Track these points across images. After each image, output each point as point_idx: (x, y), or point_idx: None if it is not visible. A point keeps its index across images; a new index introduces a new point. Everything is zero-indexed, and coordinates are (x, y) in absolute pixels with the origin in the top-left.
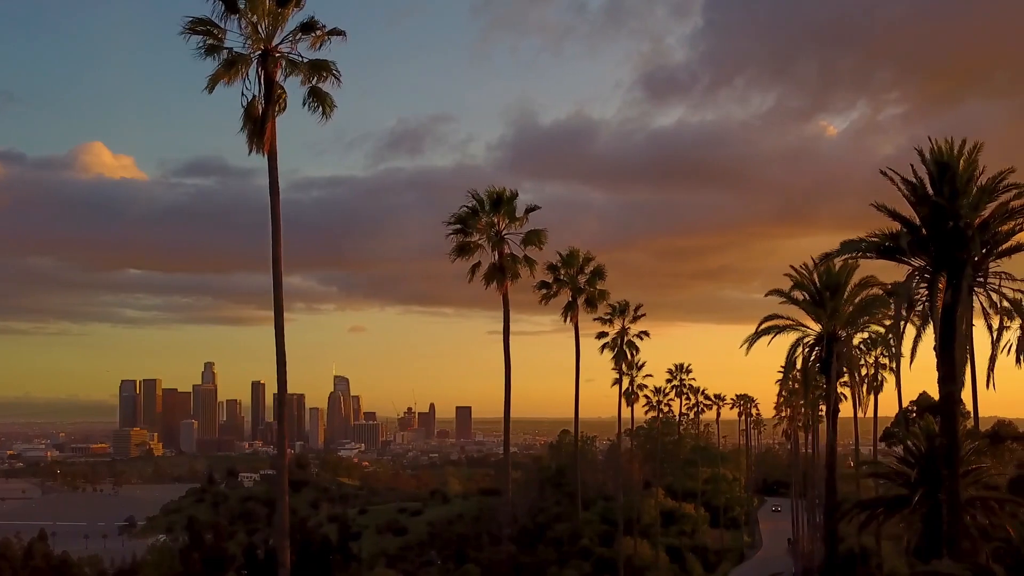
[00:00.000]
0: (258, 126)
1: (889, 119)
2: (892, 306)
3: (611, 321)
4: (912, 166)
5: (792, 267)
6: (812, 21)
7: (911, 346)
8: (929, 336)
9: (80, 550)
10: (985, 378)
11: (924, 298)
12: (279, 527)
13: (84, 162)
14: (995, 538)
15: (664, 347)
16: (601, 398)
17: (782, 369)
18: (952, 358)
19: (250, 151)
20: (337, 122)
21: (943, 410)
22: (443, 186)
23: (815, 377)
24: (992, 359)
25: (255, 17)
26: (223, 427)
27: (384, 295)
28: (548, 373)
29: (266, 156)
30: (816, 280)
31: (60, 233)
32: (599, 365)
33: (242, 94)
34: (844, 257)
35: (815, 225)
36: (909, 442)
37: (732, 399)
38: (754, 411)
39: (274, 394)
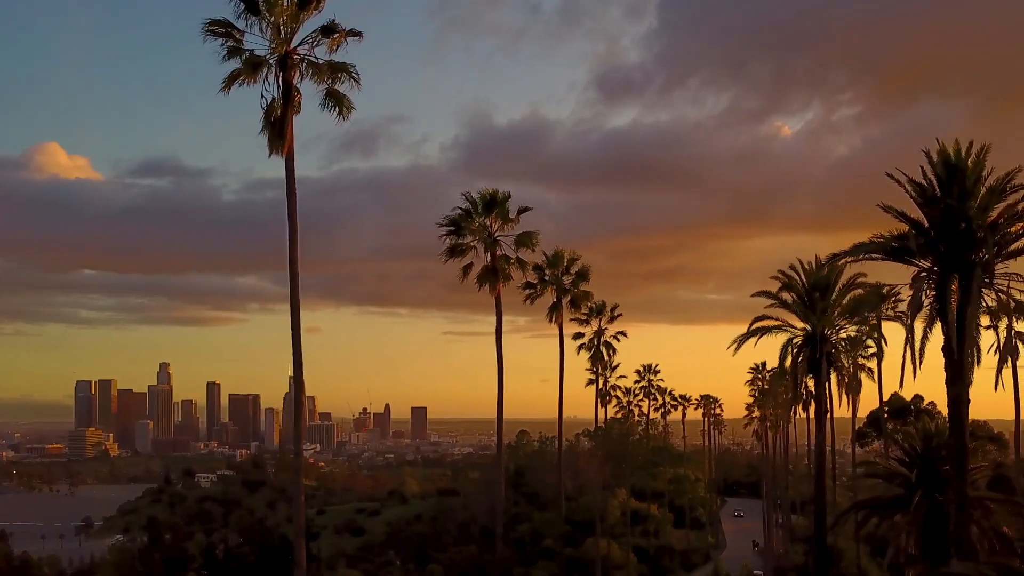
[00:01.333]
0: (277, 129)
1: (843, 120)
2: (881, 307)
3: (588, 322)
4: (922, 168)
5: (780, 270)
6: (766, 22)
7: (919, 346)
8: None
9: (37, 550)
10: (994, 379)
11: (933, 299)
12: (295, 527)
13: (39, 162)
14: (993, 536)
15: (619, 347)
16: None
17: (752, 369)
18: (961, 359)
19: (270, 154)
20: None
21: (952, 411)
22: (397, 187)
23: (803, 377)
24: (1001, 360)
25: (274, 19)
26: (178, 427)
27: (339, 295)
28: (504, 374)
29: (284, 158)
30: (805, 281)
31: (15, 233)
32: (556, 366)
33: (261, 96)
34: (849, 259)
35: (769, 225)
36: (906, 442)
37: (697, 399)
38: (718, 411)
39: (230, 394)
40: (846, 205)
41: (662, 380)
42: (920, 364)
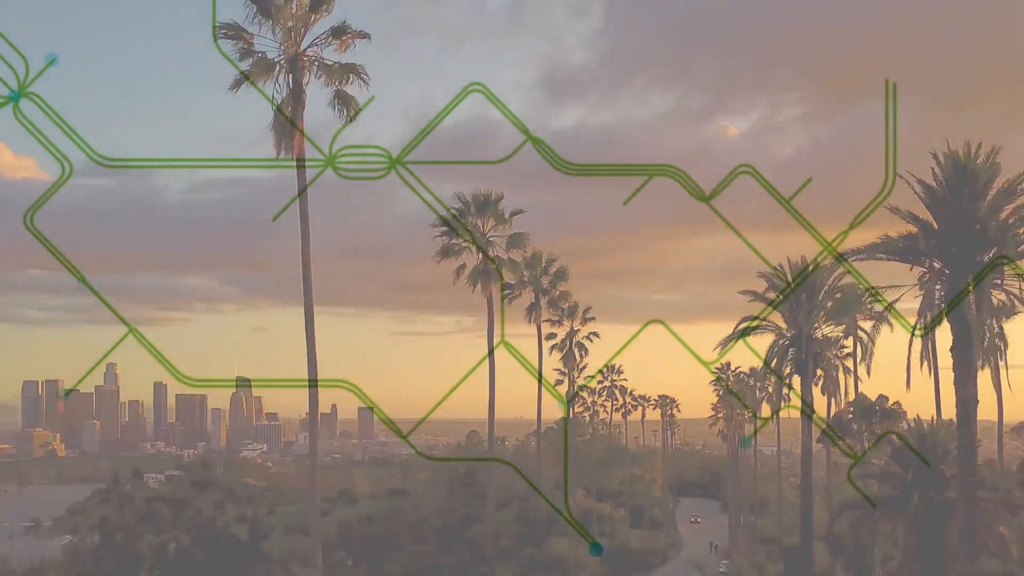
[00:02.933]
0: (288, 131)
1: (789, 120)
2: (869, 306)
3: (560, 322)
4: (932, 169)
5: (770, 266)
6: (713, 22)
7: (917, 347)
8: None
9: None
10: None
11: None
12: (312, 528)
13: None
14: (990, 534)
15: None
16: (510, 401)
17: (717, 370)
18: (969, 359)
19: (279, 154)
20: (237, 122)
21: (960, 411)
22: (342, 187)
23: (788, 377)
24: None
25: (285, 21)
26: (125, 428)
27: (286, 295)
28: (451, 374)
29: (295, 160)
30: (792, 281)
31: None
32: (508, 367)
33: (272, 97)
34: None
35: (714, 226)
36: (900, 442)
37: (655, 400)
38: (675, 412)
39: (177, 395)
40: (801, 205)
41: (625, 380)
42: (917, 364)
